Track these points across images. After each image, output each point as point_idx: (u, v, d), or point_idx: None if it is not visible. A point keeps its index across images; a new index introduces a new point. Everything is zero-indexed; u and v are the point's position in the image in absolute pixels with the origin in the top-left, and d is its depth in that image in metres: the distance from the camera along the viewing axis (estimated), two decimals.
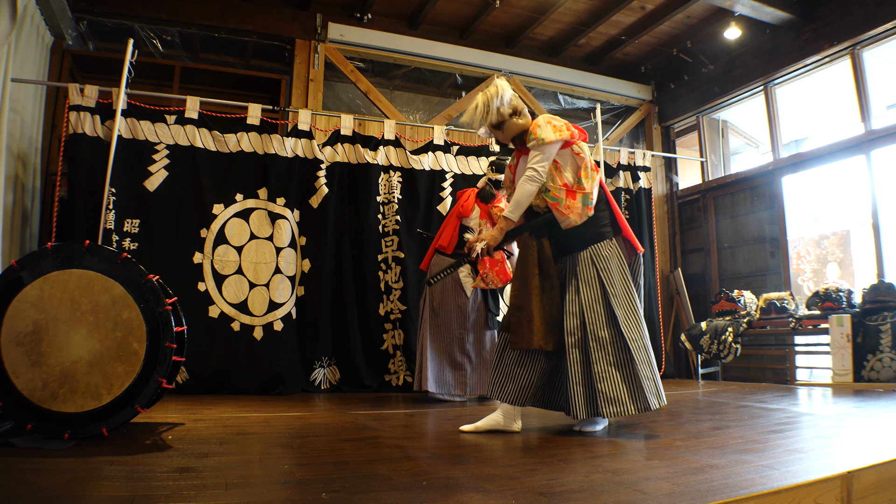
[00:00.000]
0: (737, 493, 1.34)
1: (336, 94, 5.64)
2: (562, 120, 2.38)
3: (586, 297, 2.30)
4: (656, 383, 2.26)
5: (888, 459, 1.65)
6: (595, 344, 2.25)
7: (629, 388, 2.21)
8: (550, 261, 2.36)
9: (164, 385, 2.17)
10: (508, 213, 2.36)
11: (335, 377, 4.42)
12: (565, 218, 2.33)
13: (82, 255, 2.12)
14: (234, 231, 4.28)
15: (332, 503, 1.31)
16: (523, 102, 2.48)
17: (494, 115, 2.41)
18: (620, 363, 2.23)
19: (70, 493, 1.39)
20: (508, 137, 2.48)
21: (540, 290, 2.32)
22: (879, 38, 4.63)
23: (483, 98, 2.44)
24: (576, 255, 2.37)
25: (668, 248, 6.36)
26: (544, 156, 2.31)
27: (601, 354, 2.24)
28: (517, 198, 2.34)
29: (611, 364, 2.23)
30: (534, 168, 2.31)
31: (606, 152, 5.75)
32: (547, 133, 2.30)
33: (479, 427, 2.35)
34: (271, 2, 5.18)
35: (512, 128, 2.43)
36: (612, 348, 2.25)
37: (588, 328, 2.27)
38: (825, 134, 6.25)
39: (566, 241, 2.40)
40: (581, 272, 2.34)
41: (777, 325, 4.83)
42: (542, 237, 2.38)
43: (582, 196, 2.32)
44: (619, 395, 2.20)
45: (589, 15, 5.47)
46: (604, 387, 2.20)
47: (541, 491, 1.42)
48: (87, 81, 4.26)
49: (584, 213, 2.33)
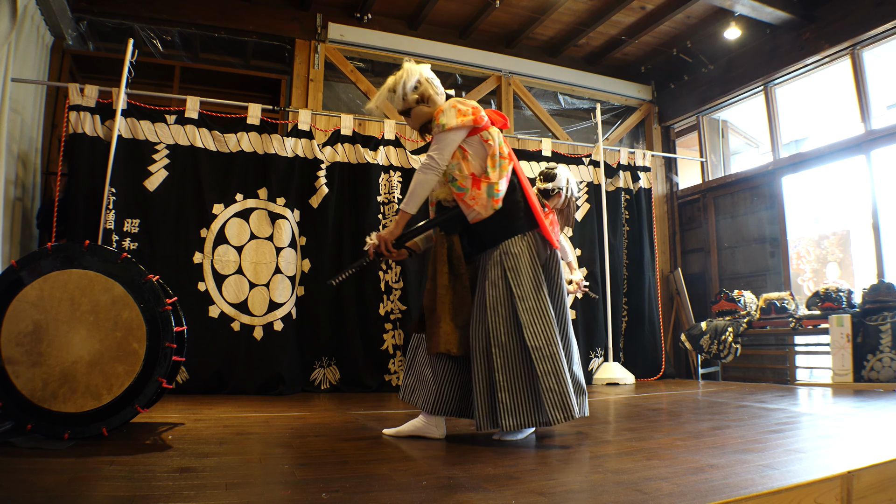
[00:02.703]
0: (737, 493, 1.34)
1: (336, 94, 5.64)
2: (470, 104, 2.19)
3: (491, 298, 2.11)
4: (561, 395, 2.02)
5: (888, 459, 1.65)
6: (497, 350, 2.07)
7: (529, 400, 2.05)
8: (461, 259, 2.19)
9: (164, 385, 2.17)
10: (403, 204, 2.20)
11: (335, 377, 4.42)
12: (471, 210, 2.14)
13: (82, 255, 2.12)
14: (234, 231, 4.27)
15: (332, 503, 1.31)
16: (440, 88, 2.30)
17: (400, 102, 2.25)
18: (522, 372, 2.06)
19: (70, 493, 1.39)
20: (416, 126, 2.32)
21: (450, 291, 2.17)
22: (879, 38, 4.63)
23: (387, 83, 2.29)
24: (488, 253, 2.19)
25: (668, 248, 6.36)
26: (445, 142, 2.14)
27: (502, 362, 2.06)
28: (411, 188, 2.18)
29: (512, 373, 2.06)
30: (430, 155, 2.14)
31: (606, 152, 5.75)
32: (449, 118, 2.13)
33: (401, 432, 2.24)
34: (271, 2, 5.18)
35: (418, 116, 2.26)
36: (514, 356, 2.07)
37: (491, 333, 2.08)
38: (825, 134, 6.25)
39: (477, 237, 2.21)
40: (489, 271, 2.15)
41: (777, 325, 4.83)
42: (453, 234, 2.21)
43: (487, 186, 2.12)
44: (518, 407, 2.04)
45: (589, 15, 5.47)
46: (504, 397, 2.04)
47: (541, 491, 1.42)
48: (87, 81, 4.26)
49: (490, 204, 2.13)
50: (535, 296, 2.11)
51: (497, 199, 2.13)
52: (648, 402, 3.55)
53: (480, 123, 2.16)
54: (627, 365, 5.30)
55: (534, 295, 2.11)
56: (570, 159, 5.53)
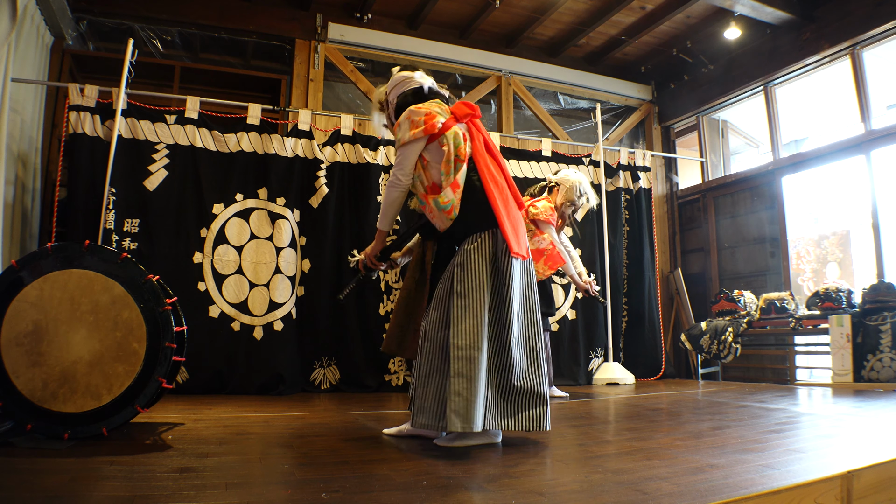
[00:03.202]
0: (737, 493, 1.34)
1: (336, 94, 5.64)
2: (424, 110, 2.10)
3: (437, 293, 2.10)
4: (466, 402, 1.89)
5: (888, 459, 1.65)
6: (428, 344, 2.06)
7: (436, 401, 1.99)
8: (428, 264, 2.22)
9: (164, 385, 2.17)
10: (378, 222, 2.25)
11: (335, 377, 4.42)
12: (433, 221, 2.15)
13: (82, 255, 2.12)
14: (234, 231, 4.27)
15: (332, 503, 1.31)
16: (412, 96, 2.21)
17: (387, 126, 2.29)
18: (439, 371, 2.01)
19: (70, 493, 1.39)
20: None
21: (409, 294, 2.23)
22: (879, 38, 4.63)
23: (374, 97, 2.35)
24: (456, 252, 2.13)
25: (668, 248, 6.36)
26: (403, 157, 2.11)
27: (428, 357, 2.05)
28: (382, 206, 2.21)
29: (432, 368, 2.03)
30: (393, 173, 2.14)
31: (606, 152, 5.75)
32: (403, 132, 2.09)
33: (401, 431, 2.24)
34: (271, 2, 5.18)
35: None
36: (438, 352, 2.03)
37: (428, 326, 2.08)
38: (825, 134, 6.25)
39: (452, 240, 2.18)
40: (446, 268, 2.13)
41: (777, 325, 4.83)
42: (429, 240, 2.23)
43: (433, 201, 2.07)
44: (426, 406, 2.01)
45: (589, 15, 5.47)
46: (420, 393, 2.04)
47: (541, 491, 1.42)
48: (87, 81, 4.26)
49: (443, 216, 2.08)
50: (474, 295, 2.00)
51: (447, 210, 2.07)
52: (648, 402, 3.55)
53: (434, 131, 2.07)
54: (627, 365, 5.30)
55: (473, 294, 2.00)
56: (570, 159, 5.53)
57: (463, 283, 2.01)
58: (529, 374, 2.05)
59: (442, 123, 2.09)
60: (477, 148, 2.15)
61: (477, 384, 1.92)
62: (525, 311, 2.11)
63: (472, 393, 1.91)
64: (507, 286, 2.05)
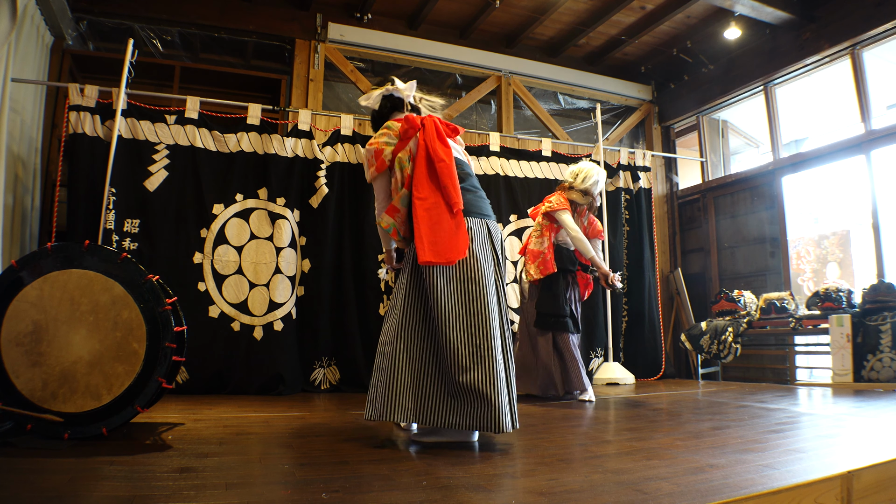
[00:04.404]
0: (737, 493, 1.34)
1: (336, 94, 5.64)
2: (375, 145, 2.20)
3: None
4: (385, 395, 2.02)
5: (888, 459, 1.65)
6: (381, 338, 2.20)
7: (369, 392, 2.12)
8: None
9: (164, 385, 2.17)
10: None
11: (335, 377, 4.42)
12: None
13: (82, 255, 2.12)
14: (234, 231, 4.27)
15: (332, 503, 1.31)
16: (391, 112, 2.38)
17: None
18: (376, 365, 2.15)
19: (70, 493, 1.39)
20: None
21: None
22: (879, 38, 4.63)
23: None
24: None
25: (668, 248, 6.36)
26: (375, 192, 2.26)
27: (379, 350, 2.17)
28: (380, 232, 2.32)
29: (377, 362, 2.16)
30: (375, 207, 2.28)
31: (606, 152, 5.75)
32: (366, 171, 2.24)
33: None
34: (271, 2, 5.18)
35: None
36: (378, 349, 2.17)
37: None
38: (825, 134, 6.25)
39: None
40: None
41: (777, 325, 4.83)
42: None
43: (378, 224, 2.24)
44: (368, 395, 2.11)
45: (589, 15, 5.47)
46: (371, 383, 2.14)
47: (541, 491, 1.42)
48: (87, 81, 4.26)
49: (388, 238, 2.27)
50: (403, 293, 2.12)
51: (391, 233, 2.21)
52: (648, 402, 3.55)
53: (384, 168, 2.20)
54: (627, 365, 5.30)
55: (396, 297, 2.14)
56: (570, 159, 5.52)
57: (395, 289, 2.19)
58: (473, 374, 1.98)
59: (391, 154, 2.20)
60: (419, 162, 2.16)
61: (395, 377, 2.03)
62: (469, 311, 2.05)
63: (386, 385, 2.03)
64: (434, 288, 2.05)
